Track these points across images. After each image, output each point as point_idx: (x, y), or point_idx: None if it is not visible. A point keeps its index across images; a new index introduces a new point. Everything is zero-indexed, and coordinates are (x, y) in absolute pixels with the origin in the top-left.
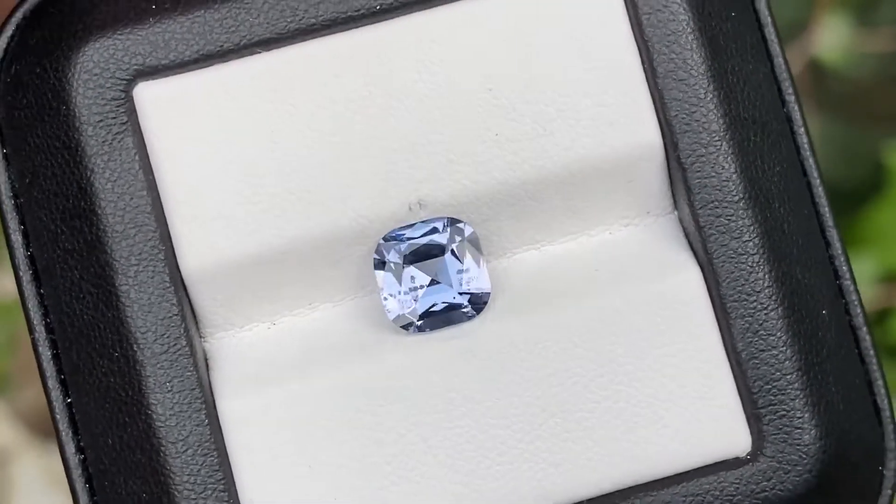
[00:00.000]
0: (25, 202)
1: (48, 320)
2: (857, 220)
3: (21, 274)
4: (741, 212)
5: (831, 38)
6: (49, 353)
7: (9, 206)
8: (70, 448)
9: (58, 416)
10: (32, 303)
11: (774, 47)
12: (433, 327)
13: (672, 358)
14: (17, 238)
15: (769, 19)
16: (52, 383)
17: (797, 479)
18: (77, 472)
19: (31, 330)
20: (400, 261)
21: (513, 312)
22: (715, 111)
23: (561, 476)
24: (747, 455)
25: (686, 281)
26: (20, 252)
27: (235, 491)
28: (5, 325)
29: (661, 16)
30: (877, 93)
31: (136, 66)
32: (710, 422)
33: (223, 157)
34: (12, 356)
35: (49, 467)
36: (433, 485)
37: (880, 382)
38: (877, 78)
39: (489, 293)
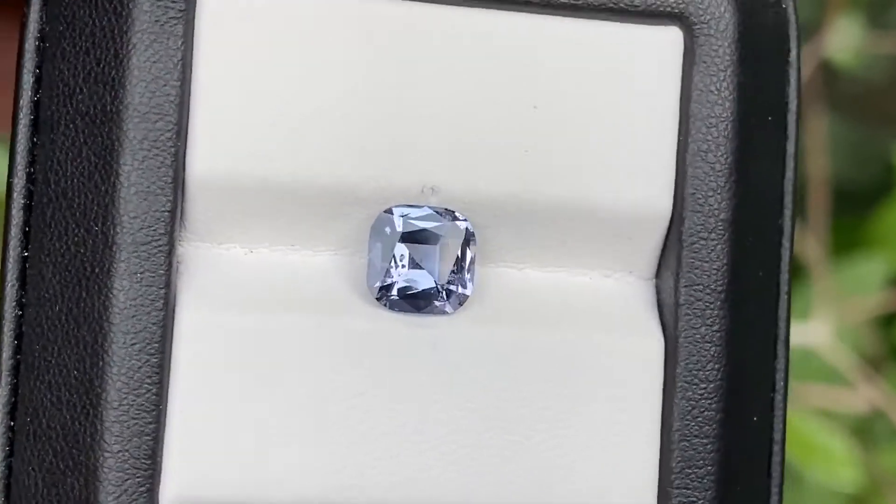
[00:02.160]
0: (49, 48)
1: (32, 170)
2: (867, 222)
3: (20, 117)
4: (720, 303)
5: (843, 40)
6: (21, 202)
7: (31, 44)
8: (10, 300)
9: (9, 265)
10: (21, 146)
11: (790, 160)
12: (405, 310)
13: (619, 414)
14: (28, 79)
15: (794, 133)
16: (15, 231)
17: None
18: (9, 326)
19: (10, 174)
20: (394, 236)
21: (484, 321)
22: (728, 203)
23: (483, 488)
24: None
25: (649, 347)
26: (26, 95)
27: (166, 399)
28: None
29: (710, 97)
30: (888, 94)
31: None
32: (621, 489)
33: (262, 79)
34: None
35: None
36: (359, 457)
37: (776, 499)
38: (888, 79)
39: (468, 296)
